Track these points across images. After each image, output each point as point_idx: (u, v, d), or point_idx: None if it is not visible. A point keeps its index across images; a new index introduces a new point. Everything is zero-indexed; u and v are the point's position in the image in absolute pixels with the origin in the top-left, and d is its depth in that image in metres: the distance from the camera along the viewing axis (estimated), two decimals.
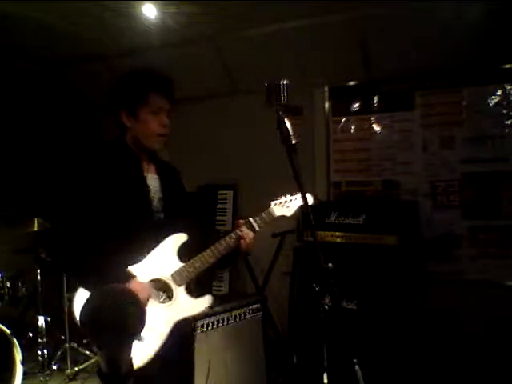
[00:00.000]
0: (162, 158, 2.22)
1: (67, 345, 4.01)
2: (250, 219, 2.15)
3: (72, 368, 3.95)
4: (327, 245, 3.63)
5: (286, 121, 1.63)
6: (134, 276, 1.91)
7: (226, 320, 3.17)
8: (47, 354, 3.86)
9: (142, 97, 2.01)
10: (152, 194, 2.07)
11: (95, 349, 1.53)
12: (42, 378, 3.77)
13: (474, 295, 3.63)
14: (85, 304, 1.59)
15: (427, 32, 3.60)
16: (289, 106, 1.65)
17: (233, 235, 2.10)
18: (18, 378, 3.30)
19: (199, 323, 2.99)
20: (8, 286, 3.85)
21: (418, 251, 3.64)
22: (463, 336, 3.60)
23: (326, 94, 4.36)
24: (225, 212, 4.83)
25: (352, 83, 4.26)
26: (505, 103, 3.68)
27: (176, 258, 2.05)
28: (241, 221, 2.17)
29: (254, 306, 3.38)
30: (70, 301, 2.09)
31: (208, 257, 2.05)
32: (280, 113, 1.64)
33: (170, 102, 2.06)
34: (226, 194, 4.85)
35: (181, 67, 4.40)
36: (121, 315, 1.45)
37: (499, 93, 3.69)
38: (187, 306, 2.02)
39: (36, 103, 5.07)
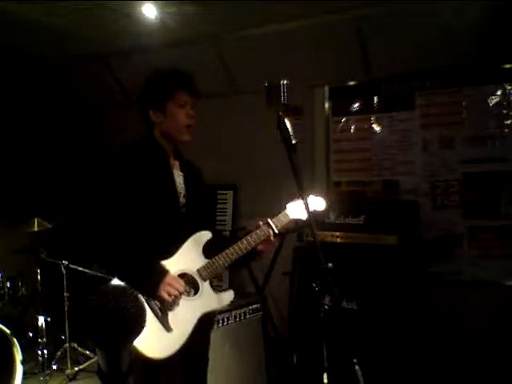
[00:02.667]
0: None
1: (67, 345, 4.01)
2: (269, 220, 2.19)
3: (72, 368, 3.95)
4: (327, 245, 3.63)
5: (286, 121, 1.63)
6: (168, 270, 2.04)
7: (225, 320, 3.17)
8: (47, 353, 3.86)
9: (169, 93, 2.16)
10: (178, 190, 2.19)
11: (95, 348, 1.54)
12: (41, 378, 3.77)
13: (474, 295, 3.62)
14: (85, 303, 1.59)
15: (427, 32, 3.60)
16: (289, 105, 1.65)
17: (249, 238, 2.16)
18: (18, 378, 3.30)
19: None
20: (8, 286, 3.85)
21: (417, 251, 3.64)
22: (463, 336, 3.60)
23: (326, 93, 4.36)
24: (225, 212, 4.83)
25: (352, 83, 4.26)
26: (505, 103, 3.67)
27: (201, 254, 2.16)
28: (260, 222, 2.21)
29: (254, 306, 3.39)
30: (70, 299, 2.15)
31: (231, 254, 2.14)
32: (280, 113, 1.64)
33: (193, 97, 2.21)
34: (225, 194, 4.84)
35: (181, 67, 4.40)
36: (121, 315, 1.46)
37: (499, 93, 3.69)
38: (212, 300, 2.16)
39: (35, 103, 5.07)
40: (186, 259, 2.12)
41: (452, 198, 3.85)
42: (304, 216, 2.18)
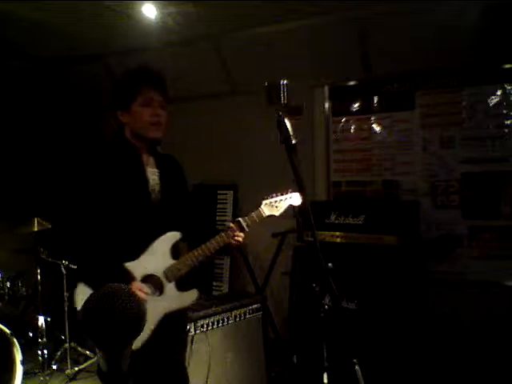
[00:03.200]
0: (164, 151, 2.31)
1: (67, 345, 4.01)
2: (240, 219, 2.26)
3: (72, 368, 3.95)
4: (327, 245, 3.63)
5: (286, 121, 1.63)
6: (133, 276, 2.06)
7: (225, 320, 3.17)
8: (47, 353, 3.86)
9: (134, 91, 2.11)
10: (151, 187, 2.18)
11: (95, 348, 1.54)
12: (42, 378, 3.77)
13: (474, 295, 3.63)
14: (84, 304, 1.59)
15: (427, 32, 3.60)
16: (289, 105, 1.64)
17: (219, 238, 2.21)
18: (18, 378, 3.30)
19: (199, 323, 3.00)
20: (8, 286, 3.84)
21: (417, 251, 3.64)
22: (463, 336, 3.60)
23: (326, 93, 4.36)
24: (225, 212, 4.83)
25: (352, 83, 4.26)
26: (505, 103, 3.67)
27: (169, 255, 2.17)
28: (230, 224, 2.26)
29: (254, 306, 3.39)
30: (70, 299, 2.17)
31: (198, 255, 2.18)
32: (280, 113, 1.64)
33: (161, 95, 2.15)
34: (225, 193, 4.85)
35: (181, 67, 4.40)
36: (121, 315, 1.46)
37: (499, 93, 3.69)
38: (176, 300, 2.17)
39: (36, 103, 5.07)
40: (152, 260, 2.13)
41: (452, 198, 3.85)
42: (278, 212, 2.31)
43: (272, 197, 2.33)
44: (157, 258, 2.15)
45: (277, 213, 2.32)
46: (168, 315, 2.12)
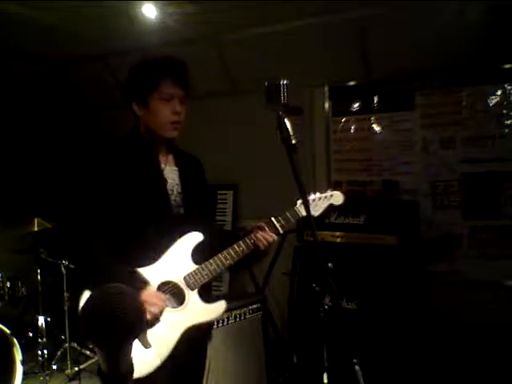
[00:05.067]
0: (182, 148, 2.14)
1: (67, 345, 4.01)
2: (273, 219, 2.02)
3: (72, 368, 3.95)
4: (327, 245, 3.63)
5: (286, 121, 1.63)
6: (148, 283, 1.81)
7: (225, 320, 3.17)
8: (47, 353, 3.86)
9: (153, 84, 1.91)
10: (170, 188, 1.98)
11: (95, 348, 1.54)
12: (41, 378, 3.77)
13: (474, 295, 3.62)
14: (84, 304, 1.59)
15: (427, 32, 3.60)
16: (289, 105, 1.64)
17: (248, 240, 1.98)
18: (17, 378, 3.30)
19: None
20: (8, 286, 3.85)
21: (417, 251, 3.64)
22: (463, 336, 3.60)
23: (326, 94, 4.36)
24: (225, 212, 4.83)
25: (352, 83, 4.26)
26: (505, 103, 3.67)
27: (190, 259, 1.93)
28: (262, 223, 2.01)
29: (254, 306, 3.39)
30: (71, 300, 2.06)
31: (224, 259, 1.93)
32: (280, 113, 1.64)
33: (182, 89, 1.96)
34: (225, 194, 4.84)
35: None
36: (120, 315, 1.45)
37: (499, 93, 3.69)
38: (200, 311, 1.89)
39: (36, 103, 5.07)
40: (170, 265, 1.87)
41: (452, 198, 3.85)
42: (317, 212, 2.08)
43: (309, 195, 2.08)
44: (176, 262, 1.88)
45: (316, 213, 2.09)
46: (190, 330, 1.84)
